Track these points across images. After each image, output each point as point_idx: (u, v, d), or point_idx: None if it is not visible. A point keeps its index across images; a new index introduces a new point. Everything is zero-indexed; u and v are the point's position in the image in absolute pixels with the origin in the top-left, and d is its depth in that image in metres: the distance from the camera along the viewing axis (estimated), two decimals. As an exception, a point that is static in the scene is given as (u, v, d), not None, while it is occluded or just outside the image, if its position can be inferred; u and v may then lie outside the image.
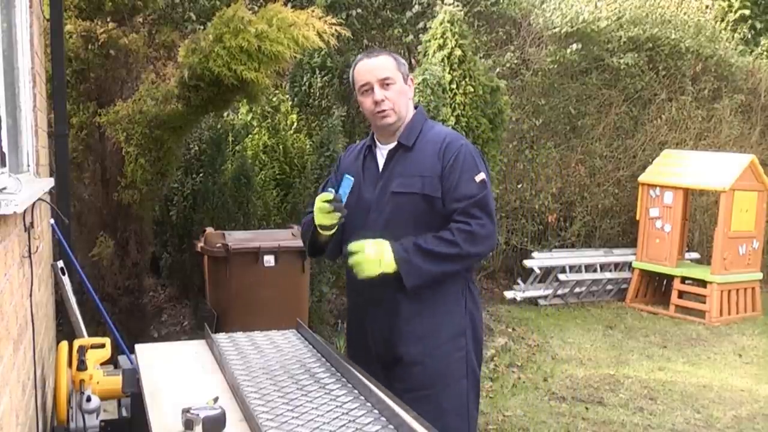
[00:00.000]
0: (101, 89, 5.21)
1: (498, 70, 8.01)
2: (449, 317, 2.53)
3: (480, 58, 7.57)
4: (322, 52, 6.66)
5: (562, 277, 8.07)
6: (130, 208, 5.20)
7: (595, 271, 8.41)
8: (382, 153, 2.62)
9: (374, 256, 2.40)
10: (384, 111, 2.55)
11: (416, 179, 2.50)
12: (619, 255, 8.68)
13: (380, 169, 2.59)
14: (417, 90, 6.24)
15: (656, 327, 7.47)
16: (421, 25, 7.48)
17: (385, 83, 2.54)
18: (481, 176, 2.51)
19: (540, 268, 8.00)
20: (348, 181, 2.48)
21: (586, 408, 5.09)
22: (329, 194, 2.47)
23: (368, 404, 2.08)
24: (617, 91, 9.04)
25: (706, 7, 10.60)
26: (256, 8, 5.94)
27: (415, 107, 2.66)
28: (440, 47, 6.74)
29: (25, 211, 2.61)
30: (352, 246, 2.43)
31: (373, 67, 2.57)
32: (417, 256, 2.41)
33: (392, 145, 2.60)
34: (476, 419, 2.62)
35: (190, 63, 4.70)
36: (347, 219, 2.52)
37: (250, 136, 6.40)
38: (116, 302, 5.23)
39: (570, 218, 9.06)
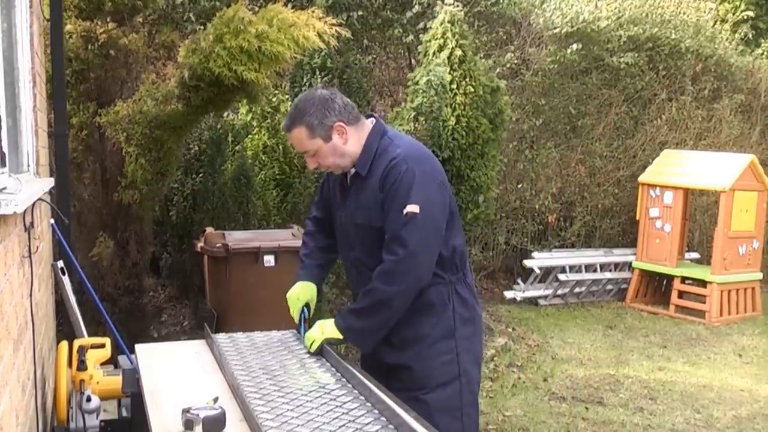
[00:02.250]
0: (101, 89, 5.21)
1: (498, 70, 8.01)
2: (434, 323, 2.52)
3: (480, 58, 7.56)
4: (322, 53, 6.65)
5: (562, 277, 8.06)
6: (130, 208, 5.20)
7: (595, 271, 8.40)
8: (348, 177, 2.61)
9: (316, 333, 2.55)
10: (326, 170, 2.62)
11: (364, 211, 2.50)
12: (619, 255, 8.68)
13: (346, 193, 2.60)
14: (420, 91, 6.23)
15: (656, 327, 7.47)
16: (421, 25, 7.47)
17: (308, 155, 2.54)
18: (409, 207, 2.37)
19: (540, 268, 8.00)
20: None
21: (586, 408, 5.09)
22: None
23: (368, 404, 2.08)
24: (617, 91, 9.04)
25: (711, 10, 10.58)
26: (257, 9, 5.93)
27: (369, 116, 2.59)
28: (441, 47, 6.73)
29: (25, 211, 2.61)
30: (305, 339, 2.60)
31: (293, 141, 2.59)
32: (351, 318, 2.51)
33: (353, 171, 2.56)
34: (474, 419, 2.61)
35: (190, 63, 4.71)
36: (338, 232, 2.69)
37: (249, 136, 6.40)
38: (116, 302, 5.23)
39: (570, 218, 9.05)
